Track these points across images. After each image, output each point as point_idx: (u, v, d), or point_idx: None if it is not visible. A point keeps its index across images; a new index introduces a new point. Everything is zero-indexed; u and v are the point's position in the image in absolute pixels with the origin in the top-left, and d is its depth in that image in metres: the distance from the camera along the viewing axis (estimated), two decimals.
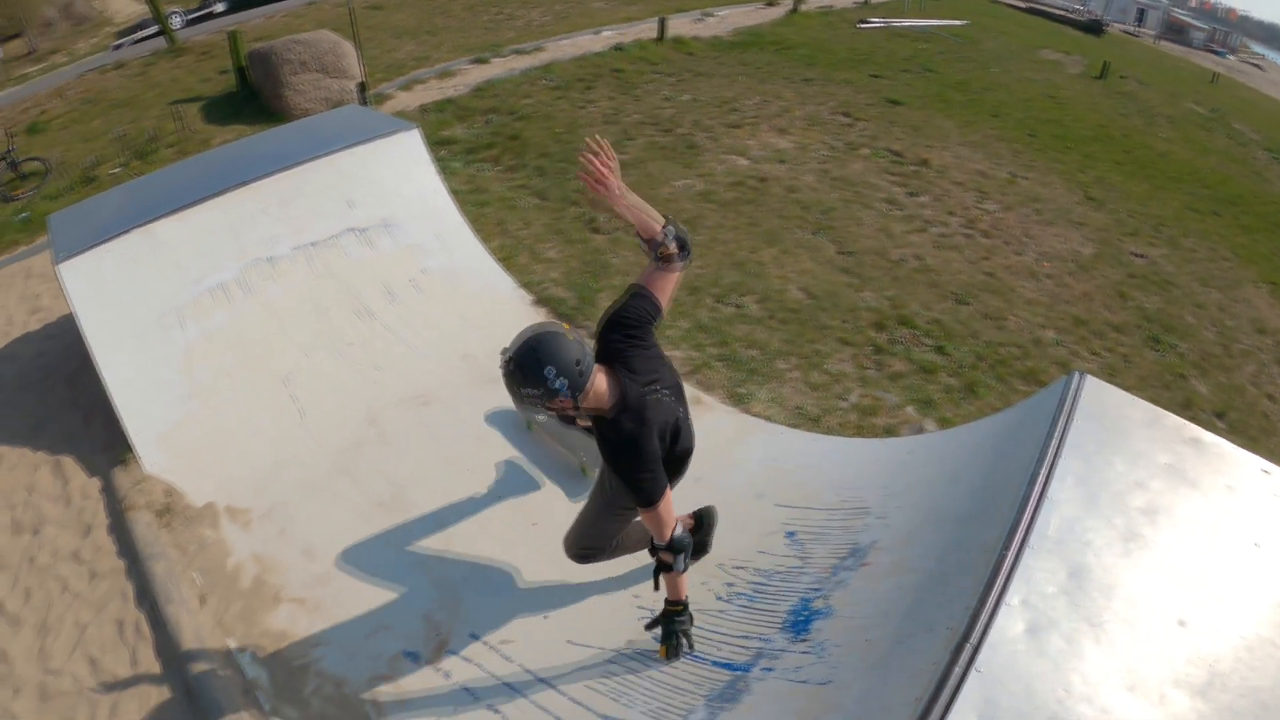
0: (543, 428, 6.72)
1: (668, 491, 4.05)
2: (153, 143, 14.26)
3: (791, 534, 5.32)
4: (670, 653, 4.64)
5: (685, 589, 4.50)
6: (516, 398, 3.88)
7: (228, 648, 5.17)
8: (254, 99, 16.16)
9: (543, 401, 3.81)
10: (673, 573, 4.34)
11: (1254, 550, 3.52)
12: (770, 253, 10.16)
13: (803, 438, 6.62)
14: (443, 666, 5.02)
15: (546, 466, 6.49)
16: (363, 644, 5.18)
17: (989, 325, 9.29)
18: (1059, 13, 47.35)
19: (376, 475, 6.50)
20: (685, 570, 4.37)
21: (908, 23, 29.01)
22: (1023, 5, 47.84)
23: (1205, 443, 3.95)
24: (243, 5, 27.28)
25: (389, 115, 10.90)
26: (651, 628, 4.71)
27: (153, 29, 23.19)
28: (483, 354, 7.45)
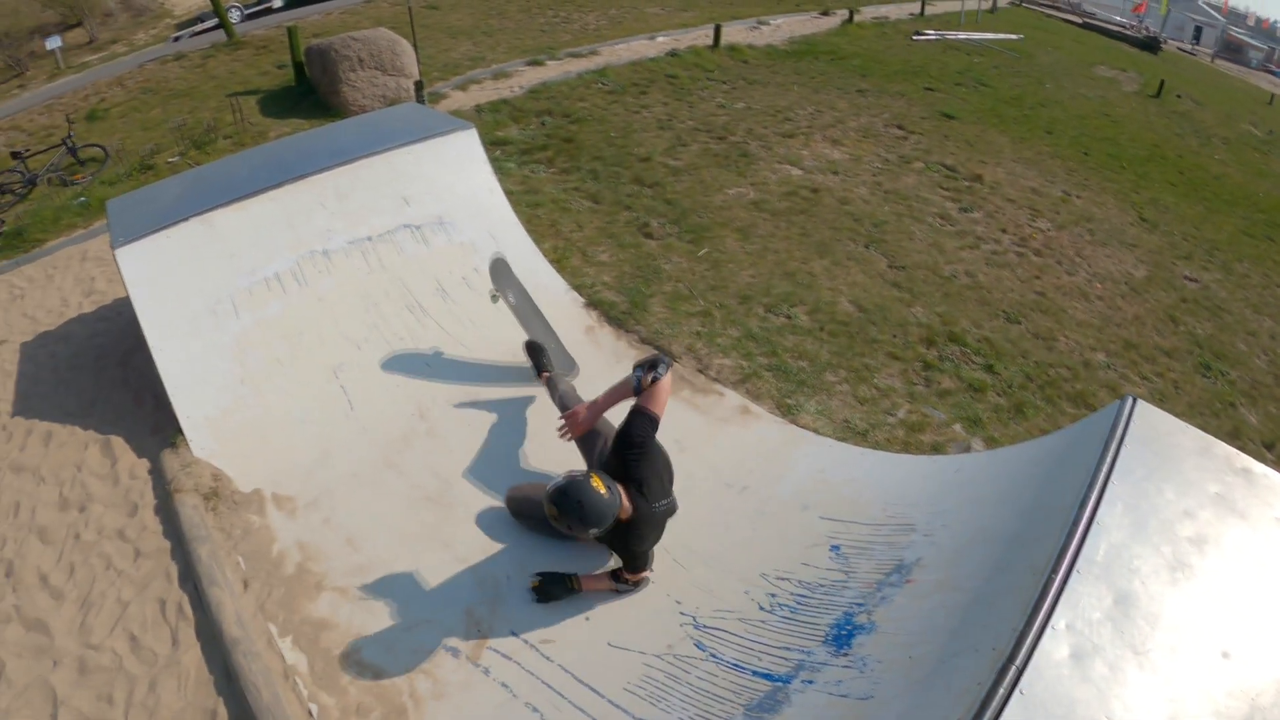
0: (511, 309, 7.38)
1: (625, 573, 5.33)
2: (210, 133, 14.37)
3: (836, 547, 5.35)
4: (546, 589, 5.44)
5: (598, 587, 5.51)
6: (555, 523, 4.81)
7: (268, 632, 5.22)
8: (311, 94, 16.26)
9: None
10: (614, 584, 5.43)
11: None
12: (821, 264, 10.16)
13: (850, 451, 6.61)
14: (482, 662, 5.07)
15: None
16: (403, 636, 5.23)
17: (1039, 345, 9.26)
18: (1115, 29, 46.65)
19: (423, 469, 6.54)
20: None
21: (962, 36, 28.81)
22: (1078, 20, 47.28)
23: (1256, 473, 3.95)
24: (300, 1, 27.52)
25: (446, 114, 10.99)
26: (543, 583, 5.47)
27: (212, 22, 23.39)
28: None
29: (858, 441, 6.96)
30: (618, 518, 4.81)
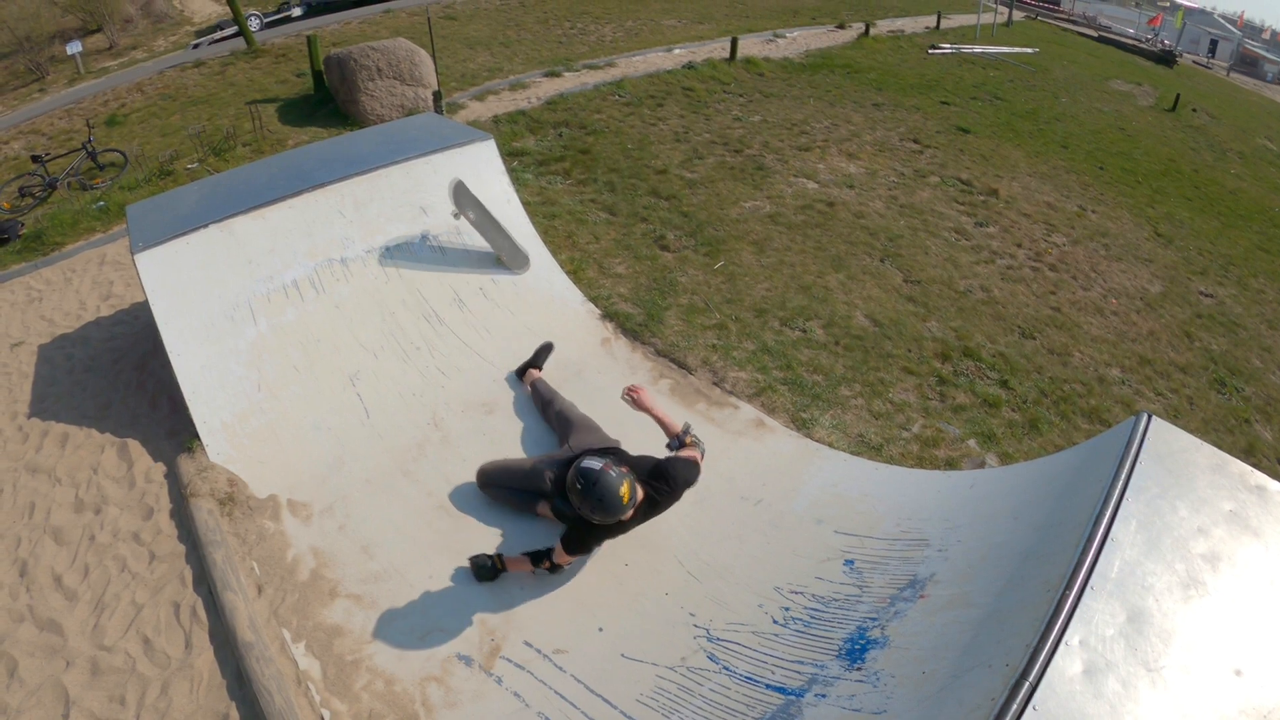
0: (472, 224, 7.72)
1: (561, 550, 5.46)
2: (229, 141, 14.46)
3: (850, 562, 5.36)
4: (477, 569, 5.67)
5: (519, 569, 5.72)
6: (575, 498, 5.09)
7: (282, 638, 5.26)
8: (329, 103, 16.35)
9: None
10: (532, 566, 5.58)
11: None
12: (837, 278, 10.18)
13: (865, 466, 6.62)
14: (495, 671, 5.09)
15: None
16: (416, 643, 5.26)
17: (1054, 361, 9.26)
18: (1130, 42, 46.56)
19: (438, 477, 6.57)
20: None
21: (977, 49, 28.80)
22: (1093, 34, 47.21)
23: (1270, 491, 3.95)
24: (319, 10, 27.72)
25: (464, 124, 11.03)
26: (473, 564, 5.70)
27: (231, 30, 23.57)
28: (549, 365, 7.56)
29: (872, 456, 6.97)
30: (629, 518, 5.21)
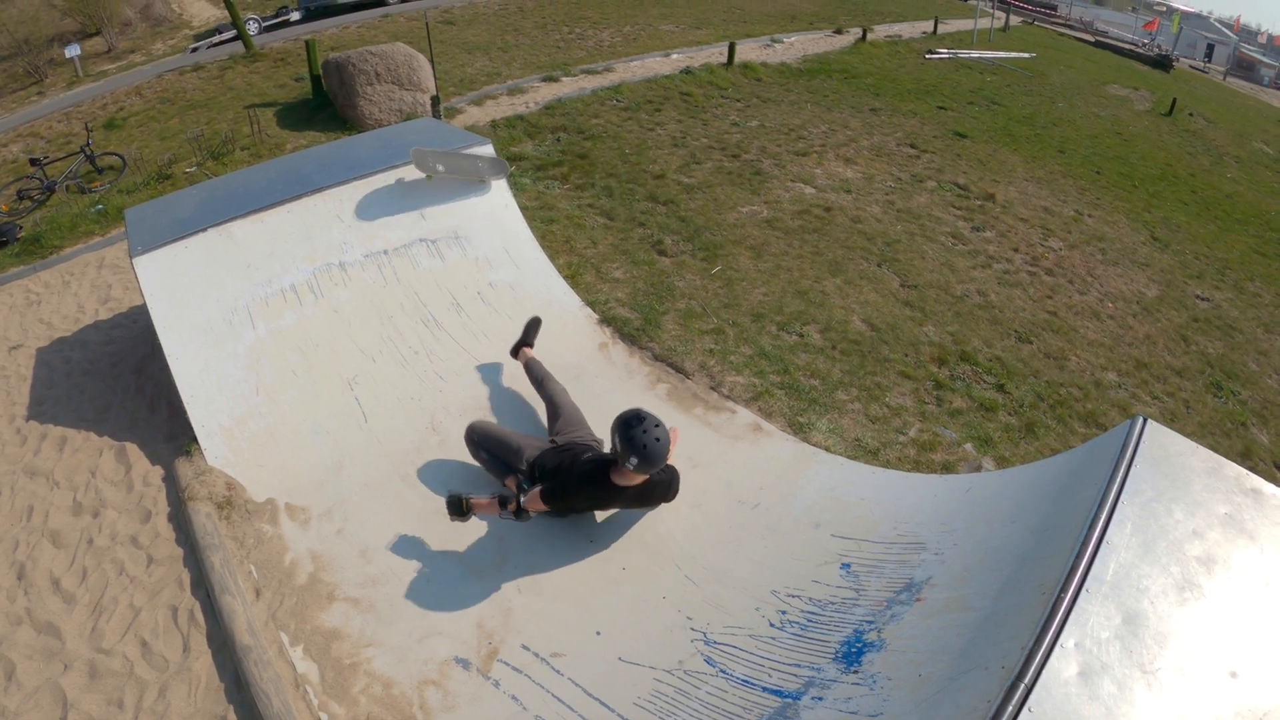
0: (446, 175, 8.05)
1: (537, 497, 5.70)
2: (227, 145, 14.48)
3: (847, 565, 5.36)
4: (450, 504, 5.84)
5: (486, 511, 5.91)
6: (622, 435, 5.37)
7: (280, 641, 5.26)
8: (328, 107, 16.38)
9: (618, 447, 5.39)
10: (499, 508, 5.78)
11: None
12: (834, 283, 10.19)
13: (861, 470, 6.61)
14: (492, 675, 5.09)
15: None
16: (413, 647, 5.26)
17: (1050, 365, 9.28)
18: (1127, 47, 46.58)
19: (436, 481, 6.58)
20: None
21: (974, 54, 28.86)
22: (1090, 39, 47.32)
23: (1265, 494, 3.95)
24: (317, 15, 27.76)
25: (462, 129, 11.03)
26: (447, 504, 5.87)
27: (230, 33, 23.65)
28: (546, 368, 7.55)
29: (869, 460, 6.98)
30: (629, 484, 5.56)
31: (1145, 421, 4.30)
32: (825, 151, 15.44)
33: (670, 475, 5.83)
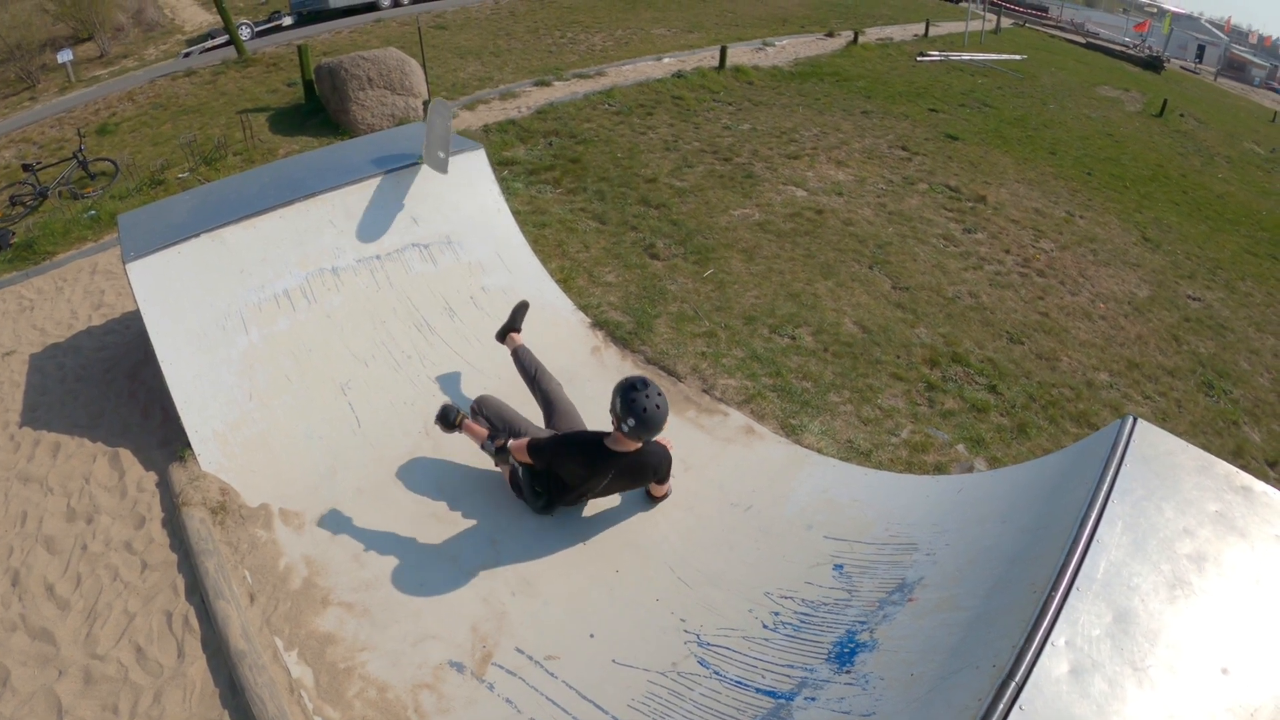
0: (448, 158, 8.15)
1: (523, 445, 5.86)
2: (220, 150, 14.46)
3: (839, 567, 5.37)
4: (441, 414, 6.15)
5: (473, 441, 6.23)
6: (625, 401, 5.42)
7: (274, 646, 5.24)
8: (320, 112, 16.35)
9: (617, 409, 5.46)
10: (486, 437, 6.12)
11: None
12: (825, 285, 10.21)
13: (854, 471, 6.61)
14: (487, 678, 5.07)
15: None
16: (408, 651, 5.25)
17: (1042, 365, 9.30)
18: (1118, 48, 46.72)
19: (430, 486, 6.57)
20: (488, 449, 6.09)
21: (966, 57, 28.94)
22: (1081, 40, 47.48)
23: (1255, 492, 3.97)
24: (309, 20, 27.74)
25: (454, 134, 11.00)
26: (441, 412, 6.17)
27: (222, 39, 23.57)
28: (536, 357, 7.56)
29: (861, 462, 6.99)
30: (623, 450, 5.66)
31: (1135, 421, 4.32)
32: (817, 154, 15.46)
33: (662, 453, 5.90)
